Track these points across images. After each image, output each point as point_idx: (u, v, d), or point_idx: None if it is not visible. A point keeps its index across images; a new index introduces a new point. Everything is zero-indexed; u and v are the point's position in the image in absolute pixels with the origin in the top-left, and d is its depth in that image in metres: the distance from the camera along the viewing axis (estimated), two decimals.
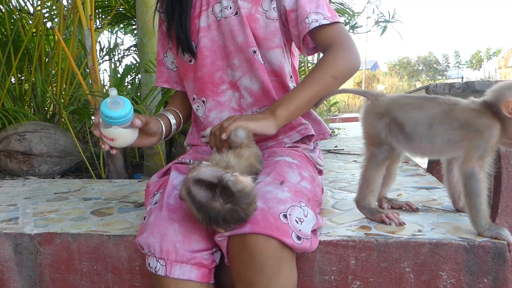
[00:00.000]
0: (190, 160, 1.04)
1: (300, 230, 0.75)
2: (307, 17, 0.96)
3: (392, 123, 0.93)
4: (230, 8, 1.01)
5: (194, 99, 1.10)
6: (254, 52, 1.00)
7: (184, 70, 1.12)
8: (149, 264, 0.79)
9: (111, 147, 0.91)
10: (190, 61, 1.08)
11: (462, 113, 0.86)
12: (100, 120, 0.87)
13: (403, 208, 1.06)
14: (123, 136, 0.89)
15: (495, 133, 0.84)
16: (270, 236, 0.72)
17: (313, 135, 1.06)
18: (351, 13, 3.45)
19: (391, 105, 0.94)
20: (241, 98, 1.05)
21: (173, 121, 1.09)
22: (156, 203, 0.88)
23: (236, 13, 1.00)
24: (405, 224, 0.94)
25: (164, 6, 1.09)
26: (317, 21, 0.95)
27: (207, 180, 0.71)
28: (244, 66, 1.02)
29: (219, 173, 0.73)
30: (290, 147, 1.04)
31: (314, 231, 0.84)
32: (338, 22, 0.97)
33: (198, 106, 1.09)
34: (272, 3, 1.01)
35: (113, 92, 0.83)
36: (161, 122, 1.03)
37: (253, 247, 0.72)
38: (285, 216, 0.74)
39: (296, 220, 0.75)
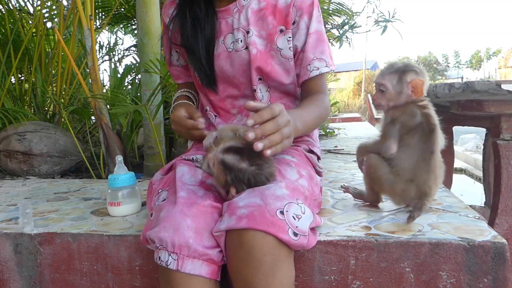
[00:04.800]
0: (193, 158, 1.04)
1: (297, 227, 0.76)
2: (309, 64, 1.03)
3: None
4: (241, 41, 1.04)
5: (206, 110, 1.14)
6: (254, 90, 1.06)
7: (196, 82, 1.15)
8: (159, 257, 0.78)
9: None
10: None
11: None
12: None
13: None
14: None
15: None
16: (266, 233, 0.72)
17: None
18: (350, 13, 3.44)
19: None
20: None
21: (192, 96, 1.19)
22: (164, 199, 0.87)
23: (246, 47, 1.04)
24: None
25: (179, 40, 1.10)
26: (318, 69, 1.03)
27: (235, 146, 0.80)
28: (252, 96, 1.08)
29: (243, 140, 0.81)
30: (291, 145, 1.06)
31: (313, 230, 0.84)
32: (332, 70, 1.05)
33: (209, 116, 1.15)
34: (289, 43, 1.04)
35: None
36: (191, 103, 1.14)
37: (251, 244, 0.72)
38: (281, 212, 0.75)
39: (293, 217, 0.76)
